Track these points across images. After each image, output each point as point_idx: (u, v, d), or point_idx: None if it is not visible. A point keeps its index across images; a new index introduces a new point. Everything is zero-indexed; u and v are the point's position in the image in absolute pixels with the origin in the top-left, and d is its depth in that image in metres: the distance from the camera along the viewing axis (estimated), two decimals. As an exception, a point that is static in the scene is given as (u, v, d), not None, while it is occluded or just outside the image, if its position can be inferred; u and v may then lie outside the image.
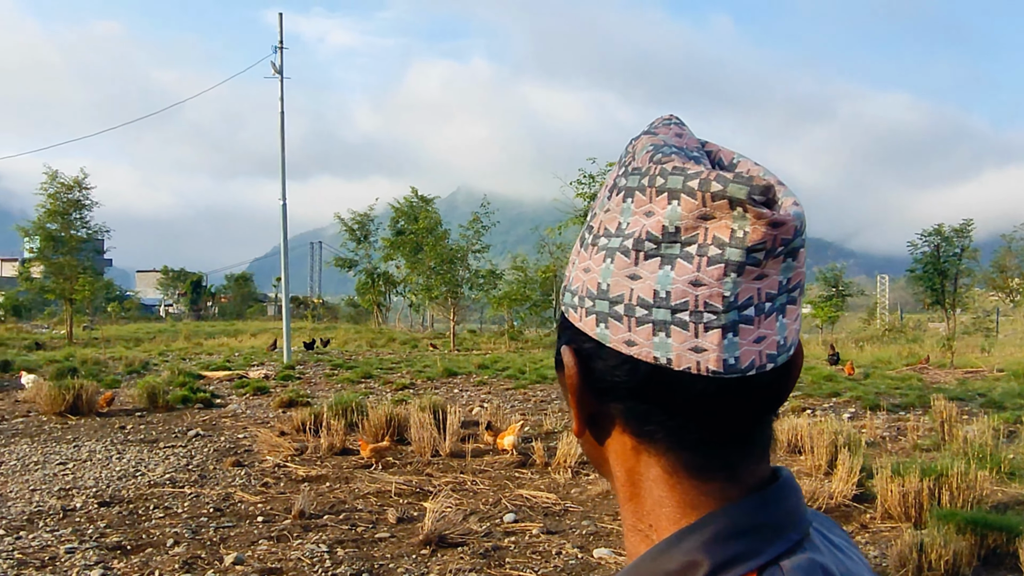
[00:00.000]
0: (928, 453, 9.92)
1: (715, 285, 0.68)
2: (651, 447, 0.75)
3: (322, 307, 66.43)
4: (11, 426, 12.70)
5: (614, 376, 0.73)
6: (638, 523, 0.77)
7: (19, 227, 35.10)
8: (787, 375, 0.74)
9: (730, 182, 0.67)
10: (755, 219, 0.67)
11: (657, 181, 0.71)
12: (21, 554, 6.54)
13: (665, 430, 0.73)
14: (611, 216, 0.74)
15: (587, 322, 0.74)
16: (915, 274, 28.50)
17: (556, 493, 8.45)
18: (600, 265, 0.73)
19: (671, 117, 0.80)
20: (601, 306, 0.73)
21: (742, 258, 0.67)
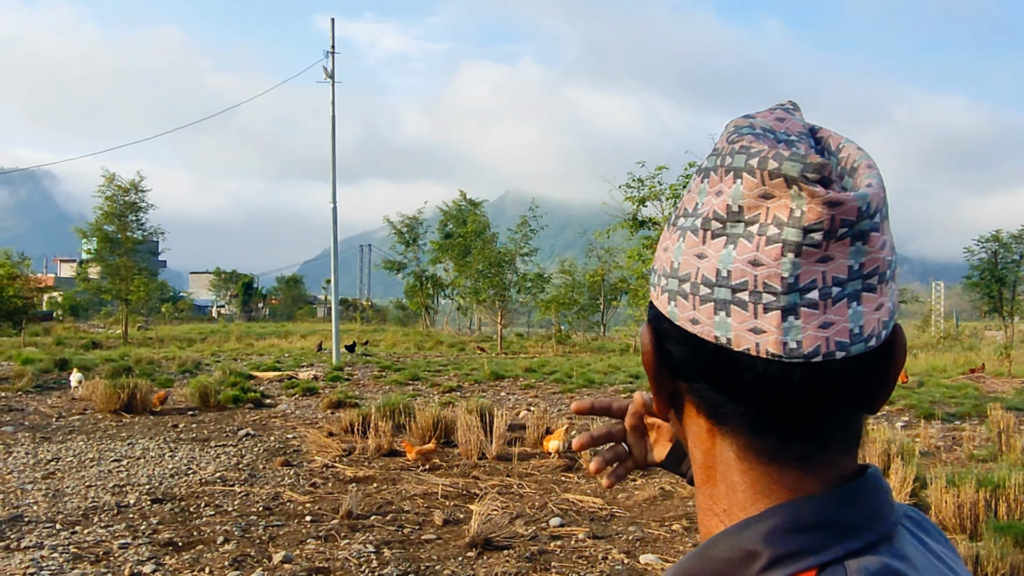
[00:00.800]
0: (984, 464, 9.71)
1: (773, 265, 0.67)
2: (725, 430, 0.74)
3: (371, 309, 66.97)
4: (68, 423, 12.97)
5: (683, 355, 0.74)
6: (713, 505, 0.76)
7: (77, 229, 35.87)
8: (876, 368, 0.72)
9: (785, 160, 0.66)
10: (810, 198, 0.65)
11: (726, 161, 0.71)
12: (76, 548, 6.67)
13: (736, 413, 0.72)
14: (691, 197, 0.75)
15: (661, 300, 0.75)
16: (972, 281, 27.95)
17: (602, 498, 8.41)
18: (675, 244, 0.74)
19: (787, 103, 0.79)
20: (672, 284, 0.73)
21: (799, 238, 0.66)
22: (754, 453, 0.73)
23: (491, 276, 34.31)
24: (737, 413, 0.73)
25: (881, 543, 0.70)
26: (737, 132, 0.73)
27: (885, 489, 0.74)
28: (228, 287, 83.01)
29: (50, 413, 13.85)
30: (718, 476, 0.75)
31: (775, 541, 0.69)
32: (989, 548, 5.98)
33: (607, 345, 35.52)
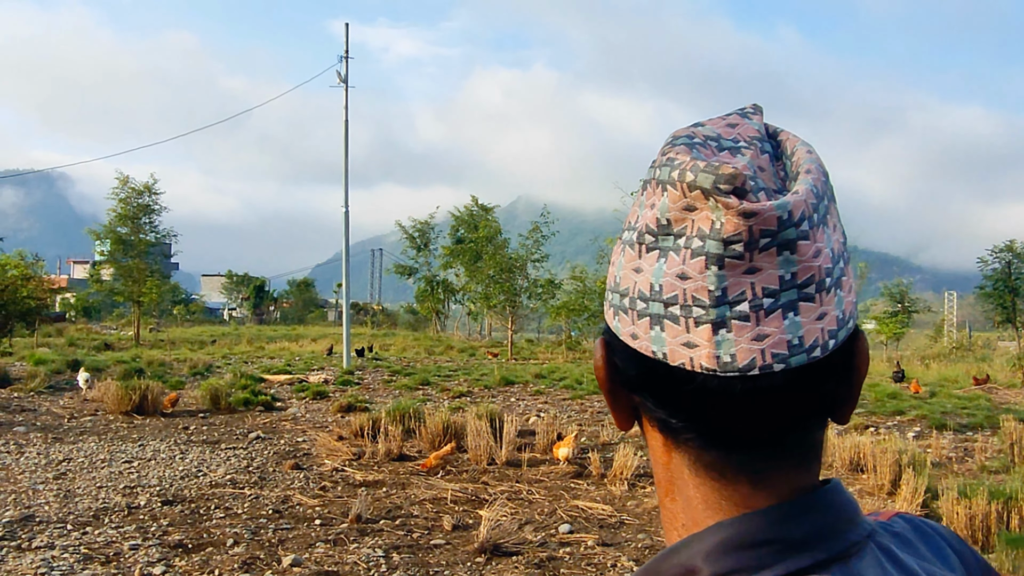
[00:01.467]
0: (996, 475, 9.66)
1: (699, 279, 0.66)
2: (678, 443, 0.72)
3: (381, 314, 67.05)
4: (80, 424, 13.03)
5: (629, 369, 0.72)
6: (674, 520, 0.74)
7: (91, 230, 36.08)
8: (835, 377, 0.70)
9: (700, 171, 0.65)
10: (725, 209, 0.64)
11: (657, 173, 0.69)
12: (87, 549, 6.70)
13: (684, 427, 0.71)
14: (633, 210, 0.73)
15: (608, 314, 0.74)
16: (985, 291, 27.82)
17: (612, 505, 8.40)
18: (617, 259, 0.73)
19: (749, 107, 0.77)
20: (614, 299, 0.73)
21: (720, 250, 0.65)
22: (704, 467, 0.71)
23: (502, 282, 34.31)
24: (685, 427, 0.71)
25: (832, 562, 0.67)
26: (672, 143, 0.71)
27: (844, 504, 0.71)
28: (240, 290, 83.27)
29: (62, 414, 13.92)
30: (676, 491, 0.74)
31: (714, 559, 0.67)
32: (1001, 560, 5.95)
33: (617, 352, 35.42)
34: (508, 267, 34.43)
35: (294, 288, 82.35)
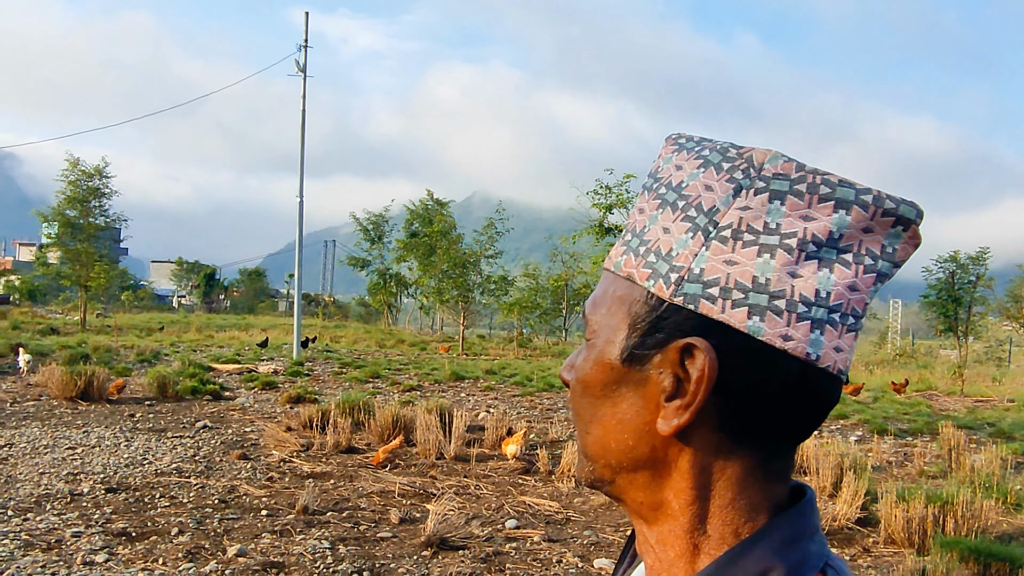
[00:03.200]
0: (934, 480, 9.90)
1: (864, 293, 0.74)
2: (739, 446, 0.75)
3: (333, 305, 66.60)
4: (22, 409, 12.80)
5: (753, 372, 0.73)
6: (693, 533, 0.76)
7: (38, 212, 35.36)
8: None
9: (901, 203, 0.74)
10: (909, 238, 0.75)
11: (821, 190, 0.74)
12: (28, 535, 6.60)
13: (765, 429, 0.75)
14: (753, 215, 0.74)
15: (734, 314, 0.73)
16: (928, 300, 28.37)
17: (559, 502, 8.47)
18: (753, 259, 0.73)
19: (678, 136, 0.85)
20: (757, 299, 0.73)
21: (889, 271, 0.75)
22: (759, 468, 0.76)
23: (455, 277, 34.30)
24: (766, 429, 0.75)
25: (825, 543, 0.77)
26: (798, 163, 0.76)
27: None
28: (190, 277, 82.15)
29: (4, 398, 13.66)
30: (714, 494, 0.76)
31: (784, 554, 0.72)
32: (936, 563, 6.12)
33: (568, 350, 35.63)
34: (462, 262, 34.42)
35: (245, 277, 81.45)
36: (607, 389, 0.78)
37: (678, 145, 0.82)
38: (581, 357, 0.82)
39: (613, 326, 0.78)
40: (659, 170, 0.82)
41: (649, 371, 0.76)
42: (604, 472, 0.80)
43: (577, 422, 0.82)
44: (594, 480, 0.81)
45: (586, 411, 0.80)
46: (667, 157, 0.82)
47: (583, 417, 0.81)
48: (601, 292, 0.81)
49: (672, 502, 0.77)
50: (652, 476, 0.77)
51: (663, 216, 0.78)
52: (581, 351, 0.83)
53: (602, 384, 0.78)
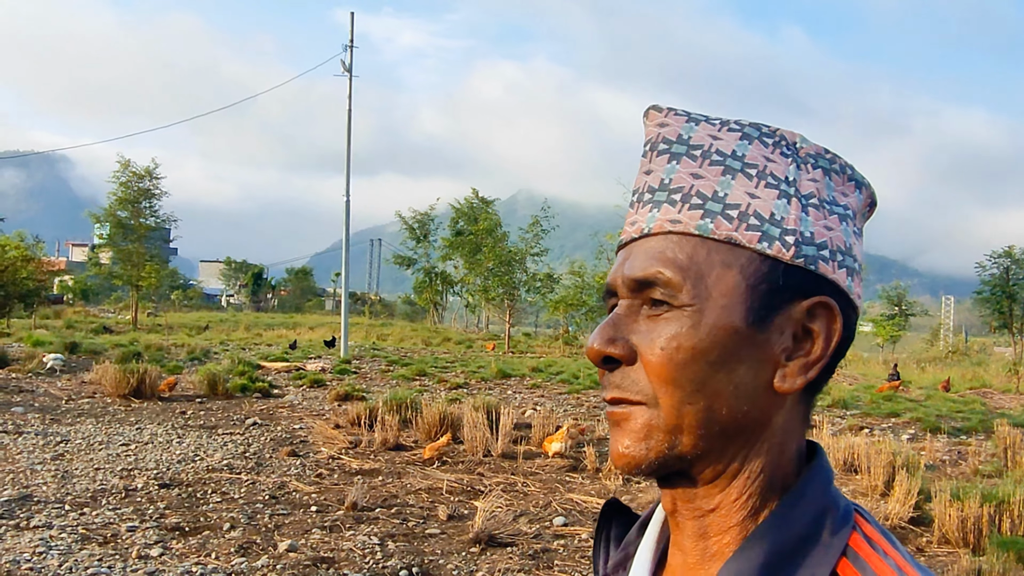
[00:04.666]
0: (989, 479, 9.71)
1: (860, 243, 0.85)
2: (803, 398, 0.81)
3: (379, 304, 67.07)
4: (77, 406, 13.06)
5: (850, 327, 0.81)
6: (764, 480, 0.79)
7: (91, 214, 36.03)
8: None
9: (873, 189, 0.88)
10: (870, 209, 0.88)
11: (847, 171, 0.84)
12: (85, 529, 6.74)
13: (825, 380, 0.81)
14: (820, 187, 0.82)
15: (840, 275, 0.80)
16: (982, 296, 27.84)
17: (606, 499, 8.43)
18: (839, 226, 0.81)
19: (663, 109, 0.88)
20: (848, 262, 0.81)
21: (862, 227, 0.87)
22: (807, 421, 0.82)
23: (501, 275, 34.35)
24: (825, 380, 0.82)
25: None
26: (824, 149, 0.84)
27: None
28: (238, 277, 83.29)
29: (59, 395, 13.95)
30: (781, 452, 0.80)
31: (836, 494, 0.78)
32: (992, 563, 6.00)
33: (614, 348, 35.47)
34: (507, 260, 34.46)
35: (292, 276, 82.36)
36: (726, 354, 0.77)
37: (687, 115, 0.85)
38: (667, 329, 0.77)
39: (726, 290, 0.77)
40: (688, 138, 0.83)
41: (771, 332, 0.78)
42: (695, 444, 0.77)
43: (669, 394, 0.77)
44: (670, 456, 0.78)
45: (691, 381, 0.76)
46: (686, 126, 0.84)
47: (684, 387, 0.76)
48: (687, 257, 0.78)
49: (752, 464, 0.79)
50: (745, 440, 0.79)
51: (738, 182, 0.80)
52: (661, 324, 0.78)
53: (721, 349, 0.77)
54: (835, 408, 15.22)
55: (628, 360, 0.79)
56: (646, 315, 0.79)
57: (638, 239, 0.82)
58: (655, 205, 0.81)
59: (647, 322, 0.79)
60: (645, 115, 0.88)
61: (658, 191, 0.82)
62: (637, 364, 0.79)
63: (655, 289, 0.78)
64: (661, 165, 0.83)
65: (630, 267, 0.81)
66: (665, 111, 0.86)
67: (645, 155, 0.86)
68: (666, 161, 0.83)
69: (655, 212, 0.81)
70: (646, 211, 0.82)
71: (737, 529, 0.78)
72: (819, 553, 0.74)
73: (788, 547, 0.74)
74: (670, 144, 0.83)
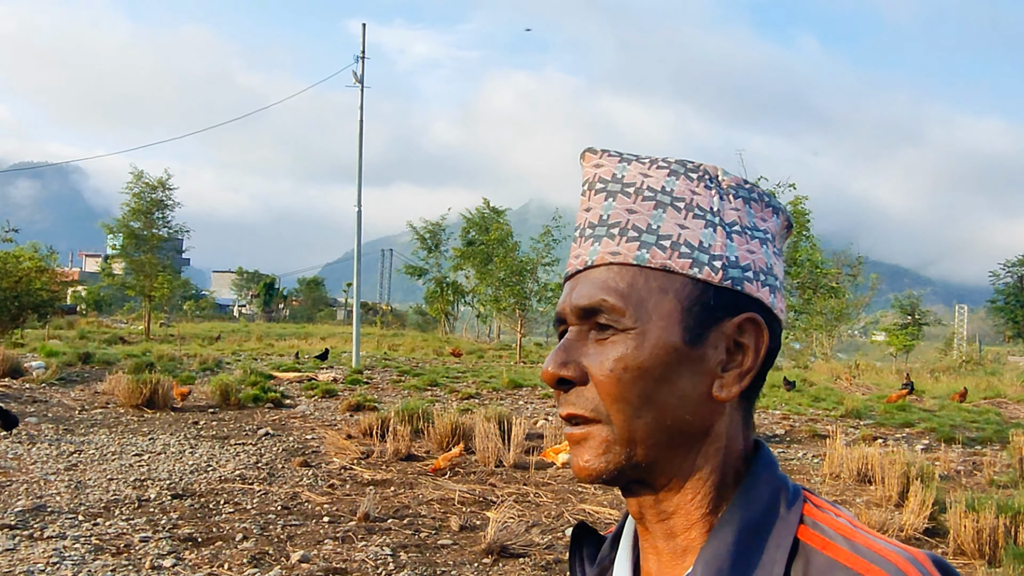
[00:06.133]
0: (1005, 490, 9.64)
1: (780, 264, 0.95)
2: (743, 404, 0.91)
3: (390, 314, 67.11)
4: (90, 416, 13.11)
5: (775, 338, 0.91)
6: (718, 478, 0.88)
7: (104, 224, 36.19)
8: None
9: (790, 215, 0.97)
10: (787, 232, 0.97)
11: (764, 198, 0.94)
12: (98, 540, 6.76)
13: (760, 384, 0.91)
14: (742, 215, 0.91)
15: (763, 292, 0.90)
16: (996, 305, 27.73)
17: (619, 509, 8.41)
18: (760, 249, 0.91)
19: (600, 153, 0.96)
20: (771, 280, 0.91)
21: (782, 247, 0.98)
22: (748, 420, 0.92)
23: (512, 285, 34.30)
24: (759, 386, 0.91)
25: None
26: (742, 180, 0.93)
27: None
28: (250, 287, 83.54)
29: (73, 406, 14.00)
30: (729, 452, 0.89)
31: (782, 477, 0.88)
32: (1008, 574, 5.95)
33: (626, 357, 35.40)
34: (519, 270, 34.41)
35: (304, 286, 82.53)
36: (668, 370, 0.85)
37: (619, 156, 0.93)
38: (613, 351, 0.86)
39: (663, 313, 0.86)
40: (622, 176, 0.91)
41: (706, 348, 0.87)
42: (647, 453, 0.86)
43: (620, 411, 0.85)
44: (627, 466, 0.86)
45: (638, 397, 0.85)
46: (619, 166, 0.92)
47: (632, 403, 0.85)
48: (627, 285, 0.87)
49: (702, 466, 0.88)
50: (692, 445, 0.88)
51: (668, 215, 0.89)
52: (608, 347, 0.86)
53: (663, 367, 0.85)
54: (848, 418, 15.14)
55: (580, 380, 0.87)
56: (594, 339, 0.88)
57: (582, 271, 0.90)
58: (596, 239, 0.90)
59: (595, 345, 0.87)
60: (582, 157, 0.96)
61: (597, 226, 0.90)
62: (589, 384, 0.87)
63: (601, 315, 0.87)
64: (599, 203, 0.91)
65: (577, 296, 0.89)
66: (600, 152, 0.94)
67: (584, 194, 0.94)
68: (603, 199, 0.91)
69: (596, 246, 0.89)
70: (588, 245, 0.90)
71: (701, 523, 0.87)
72: (780, 525, 0.84)
73: (752, 525, 0.84)
74: (605, 183, 0.92)
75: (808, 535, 0.83)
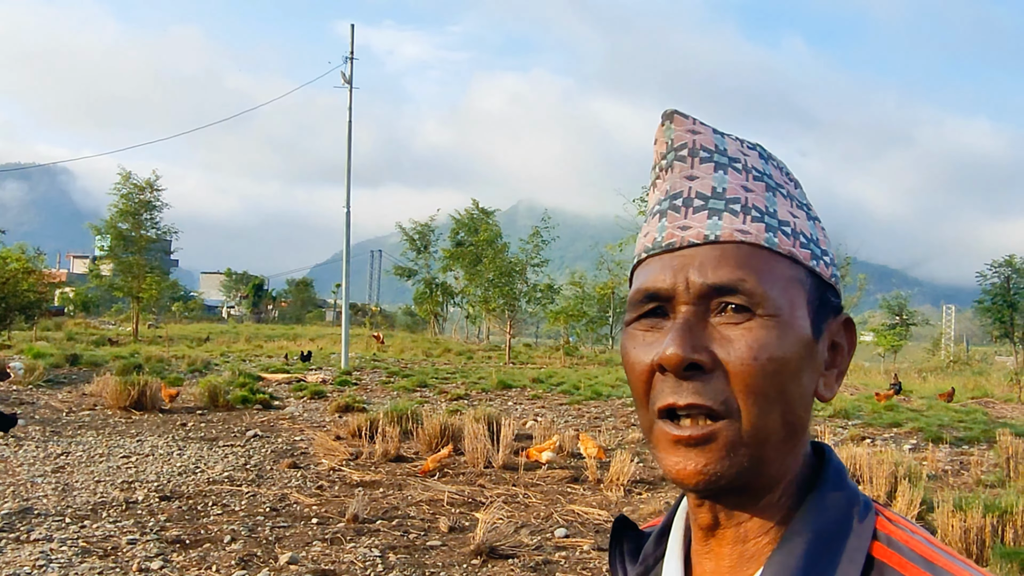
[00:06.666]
0: (992, 489, 9.68)
1: None
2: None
3: (379, 315, 67.02)
4: (78, 418, 13.05)
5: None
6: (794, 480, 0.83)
7: (92, 225, 36.05)
8: None
9: None
10: None
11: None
12: (85, 542, 6.73)
13: None
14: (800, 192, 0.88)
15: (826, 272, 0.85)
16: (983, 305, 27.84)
17: (608, 510, 8.42)
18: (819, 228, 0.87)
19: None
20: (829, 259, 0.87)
21: None
22: None
23: (501, 285, 34.32)
24: None
25: None
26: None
27: None
28: (239, 288, 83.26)
29: (60, 407, 13.94)
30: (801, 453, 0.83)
31: (853, 486, 0.84)
32: (995, 574, 5.97)
33: (615, 358, 35.47)
34: (508, 271, 34.44)
35: (293, 287, 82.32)
36: (801, 364, 0.79)
37: (711, 127, 0.86)
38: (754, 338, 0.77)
39: (793, 303, 0.80)
40: (724, 149, 0.85)
41: (820, 345, 0.82)
42: (767, 455, 0.79)
43: (754, 404, 0.77)
44: (747, 470, 0.78)
45: (775, 391, 0.77)
46: (717, 137, 0.85)
47: (767, 397, 0.77)
48: (766, 268, 0.79)
49: (792, 468, 0.82)
50: (792, 447, 0.82)
51: (779, 200, 0.84)
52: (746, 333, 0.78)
53: (799, 360, 0.79)
54: (837, 418, 15.18)
55: (710, 368, 0.77)
56: (722, 323, 0.78)
57: (699, 245, 0.80)
58: (714, 213, 0.81)
59: (725, 329, 0.78)
60: (669, 119, 0.86)
61: (712, 199, 0.82)
62: (717, 373, 0.77)
63: (736, 296, 0.78)
64: (708, 172, 0.83)
65: (701, 272, 0.79)
66: (691, 118, 0.86)
67: (682, 160, 0.84)
68: (712, 169, 0.83)
69: (717, 220, 0.81)
70: (702, 217, 0.81)
71: (776, 530, 0.81)
72: (853, 539, 0.78)
73: (824, 535, 0.78)
74: (711, 153, 0.84)
75: (883, 552, 0.77)
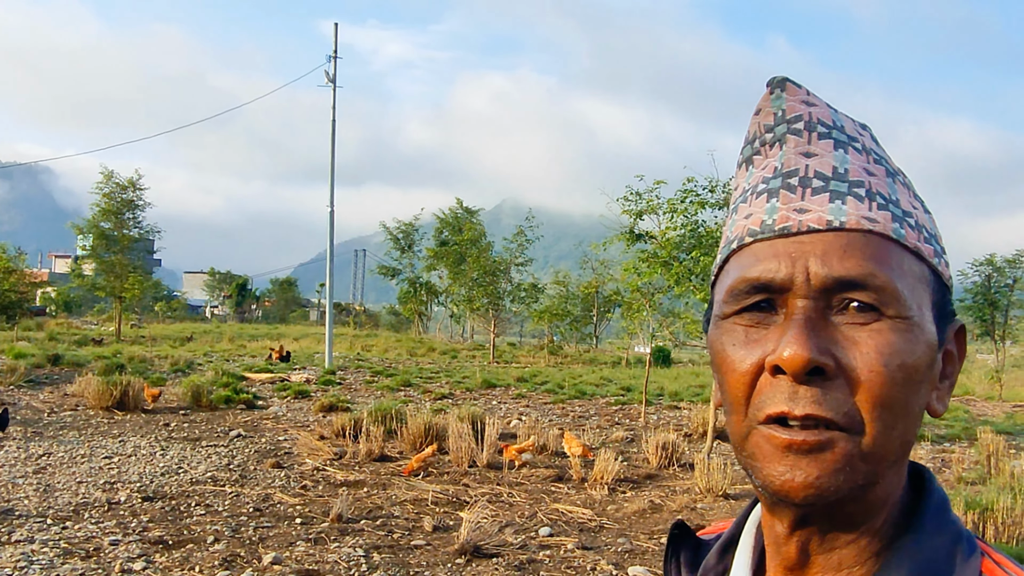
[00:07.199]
0: (973, 486, 9.76)
1: None
2: None
3: (364, 314, 66.89)
4: (60, 419, 12.97)
5: None
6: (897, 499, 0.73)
7: (74, 225, 35.81)
8: None
9: None
10: None
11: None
12: (67, 543, 6.68)
13: None
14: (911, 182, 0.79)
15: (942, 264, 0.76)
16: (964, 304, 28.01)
17: (592, 509, 8.44)
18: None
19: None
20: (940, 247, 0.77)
21: None
22: None
23: (485, 285, 34.33)
24: None
25: None
26: None
27: None
28: (222, 288, 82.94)
29: (42, 408, 13.84)
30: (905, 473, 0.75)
31: (956, 520, 0.74)
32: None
33: (599, 357, 35.55)
34: (492, 270, 34.44)
35: (277, 287, 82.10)
36: (927, 373, 0.70)
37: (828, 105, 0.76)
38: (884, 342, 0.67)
39: (921, 304, 0.70)
40: (842, 126, 0.74)
41: (940, 353, 0.73)
42: (882, 472, 0.70)
43: (880, 418, 0.67)
44: (859, 488, 0.68)
45: (900, 403, 0.68)
46: (833, 113, 0.75)
47: (893, 411, 0.67)
48: (894, 261, 0.70)
49: (896, 489, 0.74)
50: (901, 466, 0.74)
51: (899, 188, 0.74)
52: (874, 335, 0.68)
53: (926, 368, 0.70)
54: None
55: (833, 374, 0.67)
56: (846, 322, 0.68)
57: (820, 231, 0.70)
58: (838, 196, 0.71)
59: (850, 330, 0.68)
60: (780, 87, 0.75)
61: (833, 180, 0.71)
62: (839, 380, 0.67)
63: (864, 292, 0.68)
64: (827, 150, 0.72)
65: (825, 263, 0.68)
66: (804, 88, 0.75)
67: (797, 133, 0.73)
68: (832, 147, 0.73)
69: (841, 204, 0.70)
70: (823, 200, 0.71)
71: (873, 561, 0.71)
72: None
73: (927, 573, 0.69)
74: (829, 128, 0.73)
75: None
